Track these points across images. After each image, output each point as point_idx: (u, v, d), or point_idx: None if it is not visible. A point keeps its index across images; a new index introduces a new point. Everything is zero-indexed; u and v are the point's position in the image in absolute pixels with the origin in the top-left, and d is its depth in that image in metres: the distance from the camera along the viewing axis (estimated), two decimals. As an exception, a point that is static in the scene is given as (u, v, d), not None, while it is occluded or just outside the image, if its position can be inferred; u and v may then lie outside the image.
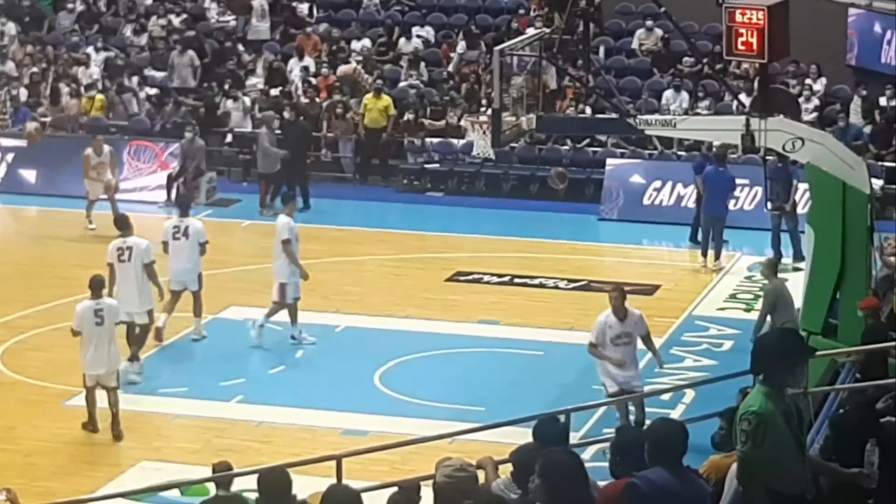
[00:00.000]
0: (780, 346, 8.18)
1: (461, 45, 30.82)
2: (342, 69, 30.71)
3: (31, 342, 20.21)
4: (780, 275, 21.05)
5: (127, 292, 19.02)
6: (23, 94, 30.69)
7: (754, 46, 17.08)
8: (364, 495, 8.15)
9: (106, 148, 25.76)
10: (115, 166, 26.33)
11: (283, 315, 20.16)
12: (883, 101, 27.41)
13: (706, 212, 23.94)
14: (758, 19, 16.98)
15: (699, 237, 24.23)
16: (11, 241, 25.37)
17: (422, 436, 14.94)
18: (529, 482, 7.74)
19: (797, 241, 23.65)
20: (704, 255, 23.66)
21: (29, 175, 28.25)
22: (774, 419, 7.95)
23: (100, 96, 30.42)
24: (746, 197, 25.62)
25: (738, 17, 17.10)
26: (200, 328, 20.35)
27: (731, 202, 24.44)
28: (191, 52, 30.86)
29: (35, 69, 31.32)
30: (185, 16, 32.81)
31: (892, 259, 17.35)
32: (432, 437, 14.24)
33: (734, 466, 8.38)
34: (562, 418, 10.75)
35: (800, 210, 23.36)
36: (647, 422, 9.45)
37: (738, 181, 24.70)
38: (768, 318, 18.34)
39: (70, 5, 33.70)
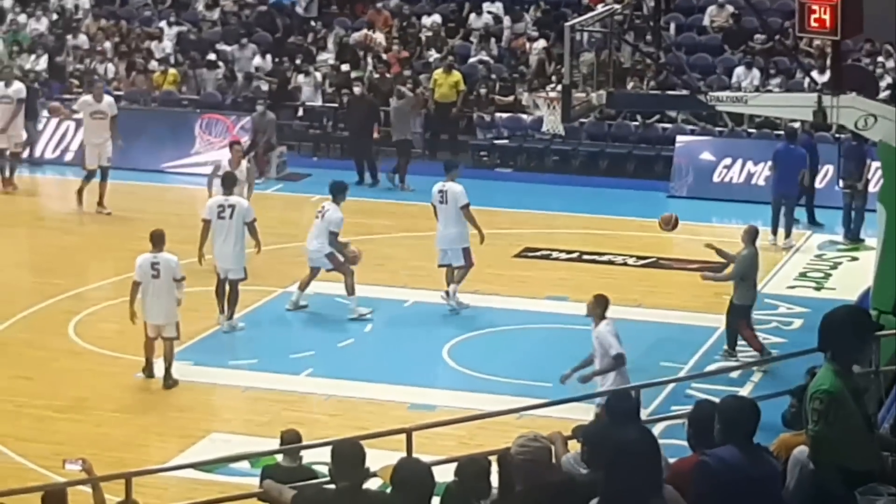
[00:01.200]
0: (848, 324, 8.12)
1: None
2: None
3: (103, 314, 20.38)
4: (838, 253, 21.20)
5: (224, 249, 19.55)
6: (110, 70, 30.89)
7: (827, 23, 16.92)
8: (433, 469, 8.19)
9: (244, 164, 22.66)
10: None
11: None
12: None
13: (777, 189, 23.81)
14: (831, -5, 16.84)
15: (815, 218, 24.10)
16: (85, 215, 25.56)
17: (490, 411, 14.96)
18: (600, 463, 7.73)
19: (860, 220, 23.54)
20: (774, 232, 23.52)
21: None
22: (844, 397, 7.90)
23: (173, 70, 30.62)
24: (818, 175, 25.38)
25: (811, -7, 16.97)
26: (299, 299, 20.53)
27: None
28: (252, 46, 30.98)
29: (108, 43, 31.55)
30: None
31: None
32: (500, 412, 14.25)
33: (800, 446, 8.33)
34: (633, 394, 10.74)
35: (871, 188, 23.24)
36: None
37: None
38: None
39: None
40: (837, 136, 23.31)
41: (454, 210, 20.43)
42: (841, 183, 23.62)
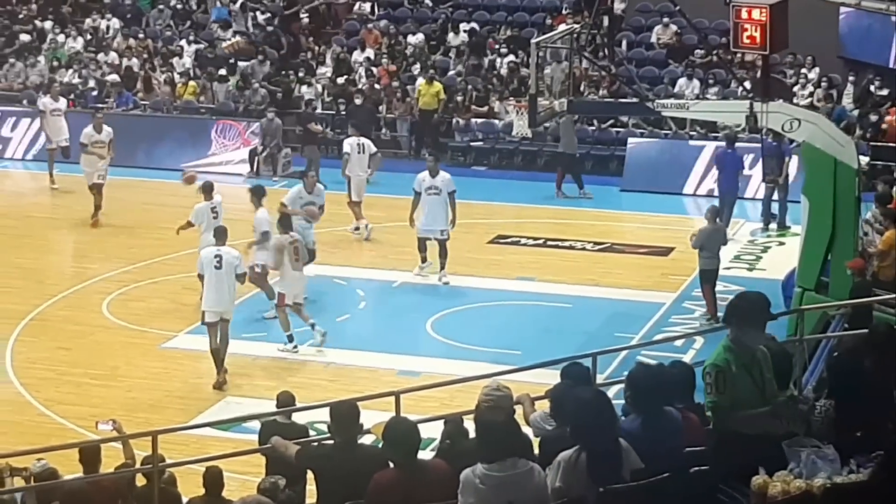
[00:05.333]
0: (748, 307, 8.12)
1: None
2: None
3: (133, 294, 20.32)
4: (768, 239, 21.19)
5: (434, 215, 20.54)
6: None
7: (758, 40, 16.97)
8: (419, 426, 8.17)
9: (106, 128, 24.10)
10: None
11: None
12: (872, 88, 27.19)
13: (721, 188, 23.73)
14: (761, 16, 16.88)
15: (771, 211, 23.89)
16: (116, 208, 25.40)
17: (467, 375, 14.91)
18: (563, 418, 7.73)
19: (784, 211, 23.53)
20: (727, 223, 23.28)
21: (130, 150, 28.29)
22: (730, 369, 7.87)
23: (192, 83, 30.48)
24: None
25: (744, 14, 17.01)
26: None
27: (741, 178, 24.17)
28: (263, 62, 30.73)
29: (135, 59, 31.41)
30: (268, 14, 32.78)
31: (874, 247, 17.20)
32: (476, 377, 14.11)
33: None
34: (586, 361, 10.72)
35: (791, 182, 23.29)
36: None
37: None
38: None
39: (161, 6, 33.70)
40: (763, 136, 23.25)
41: None
42: (765, 177, 23.65)
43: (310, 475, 9.40)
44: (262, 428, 12.65)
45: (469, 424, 9.66)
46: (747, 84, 23.89)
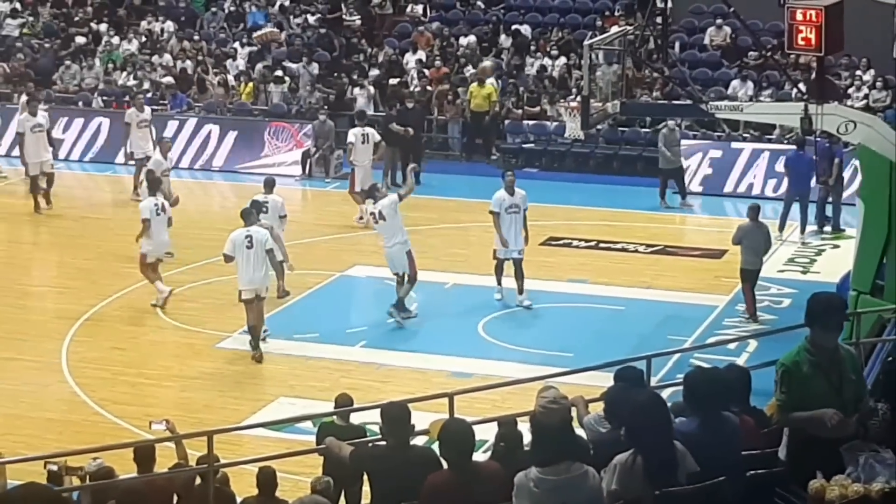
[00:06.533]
0: (823, 308, 8.03)
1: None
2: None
3: (186, 294, 20.41)
4: (822, 241, 20.98)
5: (516, 235, 19.75)
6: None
7: (812, 41, 16.83)
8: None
9: None
10: None
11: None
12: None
13: (790, 191, 23.51)
14: (816, 17, 16.73)
15: (825, 214, 23.64)
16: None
17: (519, 378, 14.90)
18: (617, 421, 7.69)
19: (838, 214, 23.33)
20: (781, 229, 23.13)
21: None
22: (800, 369, 7.79)
23: (252, 83, 30.60)
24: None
25: (799, 16, 16.86)
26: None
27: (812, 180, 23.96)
28: (315, 64, 30.80)
29: (189, 61, 31.58)
30: (318, 15, 32.90)
31: None
32: (529, 379, 14.14)
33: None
34: (640, 364, 10.68)
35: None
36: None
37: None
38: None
39: (214, 9, 33.87)
40: (816, 138, 23.06)
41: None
42: (818, 179, 23.51)
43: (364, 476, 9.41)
44: (318, 430, 12.69)
45: (522, 427, 9.68)
46: (802, 86, 23.75)
